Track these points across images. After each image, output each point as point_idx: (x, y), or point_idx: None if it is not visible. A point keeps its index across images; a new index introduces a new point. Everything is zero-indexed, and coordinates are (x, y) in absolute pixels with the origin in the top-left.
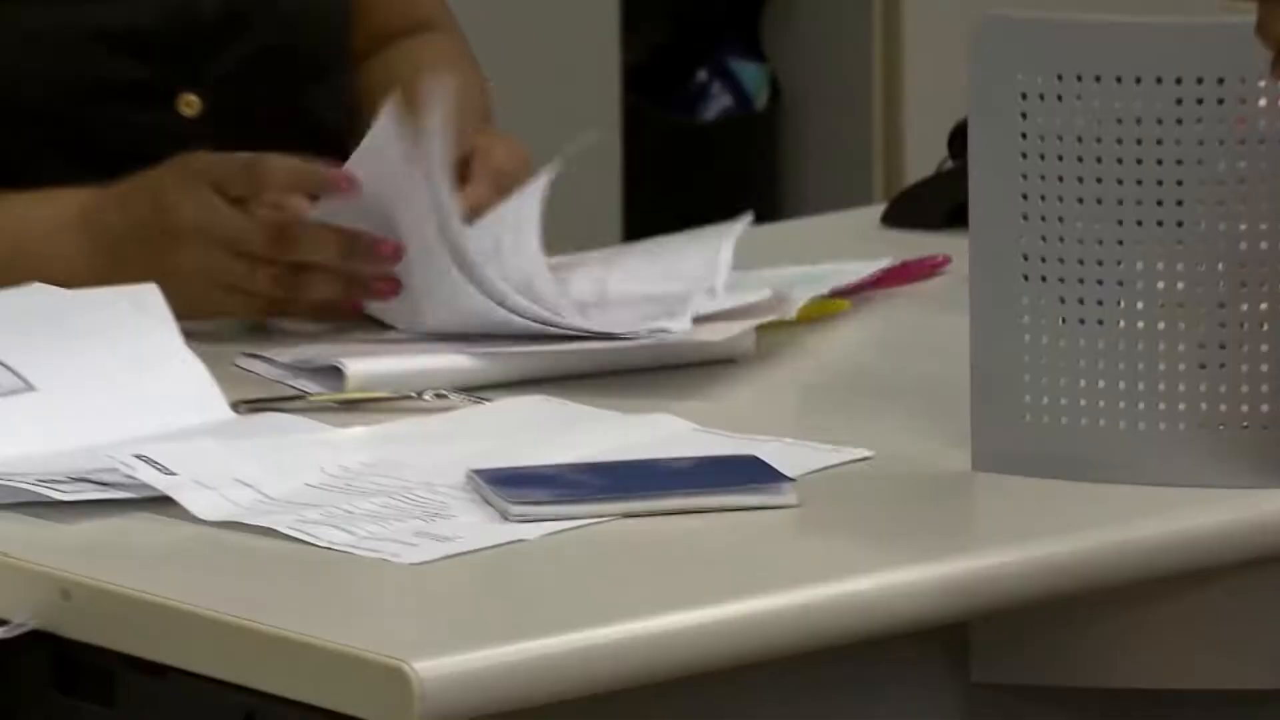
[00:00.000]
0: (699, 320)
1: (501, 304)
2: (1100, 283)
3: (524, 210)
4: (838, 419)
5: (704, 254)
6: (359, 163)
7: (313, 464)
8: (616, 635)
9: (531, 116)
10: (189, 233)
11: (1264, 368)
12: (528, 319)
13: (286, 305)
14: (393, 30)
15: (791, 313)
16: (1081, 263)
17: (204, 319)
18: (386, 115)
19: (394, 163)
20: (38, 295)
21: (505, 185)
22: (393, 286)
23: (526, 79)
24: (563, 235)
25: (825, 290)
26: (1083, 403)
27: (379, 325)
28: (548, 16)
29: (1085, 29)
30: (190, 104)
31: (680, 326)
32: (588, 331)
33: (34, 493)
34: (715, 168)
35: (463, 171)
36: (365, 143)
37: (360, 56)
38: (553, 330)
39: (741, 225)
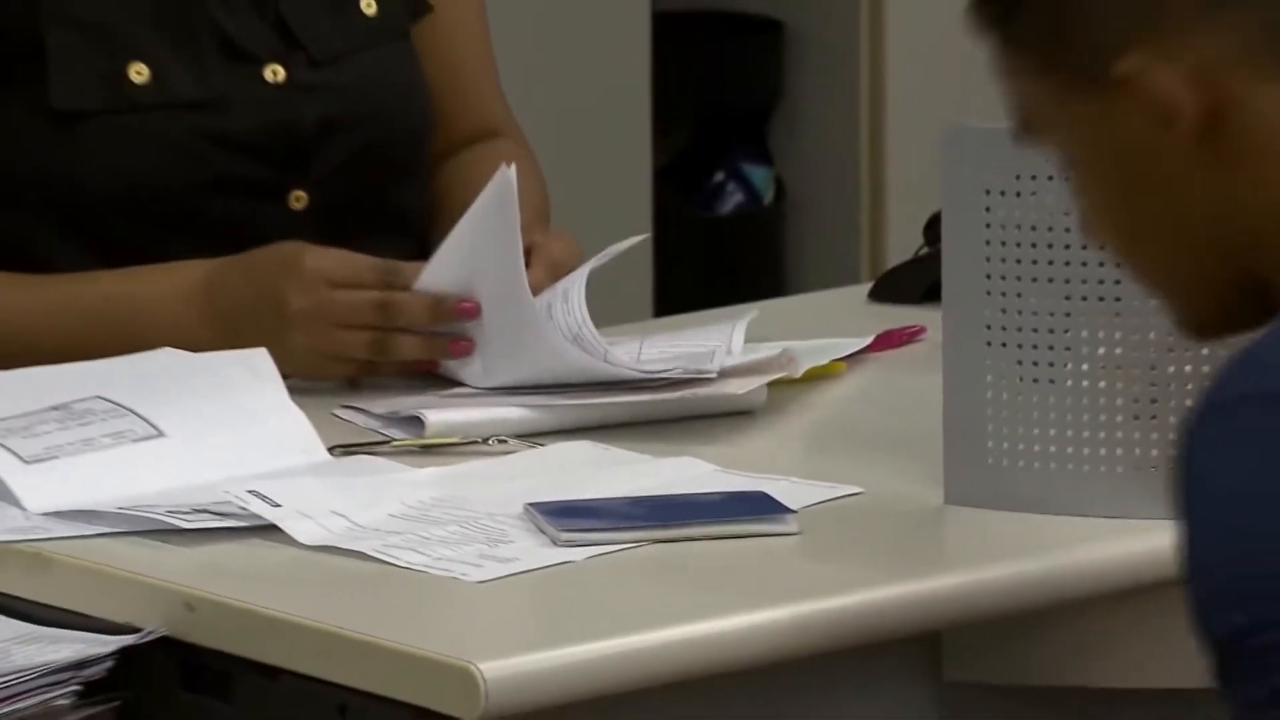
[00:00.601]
0: (721, 375)
1: (562, 355)
2: (1051, 348)
3: (571, 284)
4: (834, 461)
5: (721, 330)
6: (460, 234)
7: (395, 498)
8: (648, 641)
9: (579, 210)
10: (302, 318)
11: None
12: (582, 365)
13: (380, 366)
14: (467, 137)
15: (798, 372)
16: (1035, 330)
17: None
18: (491, 196)
19: (483, 238)
20: (167, 357)
21: (559, 273)
22: (467, 347)
23: (574, 178)
24: (603, 307)
25: (825, 357)
26: (1036, 448)
27: (450, 382)
28: (593, 126)
29: None
30: (299, 199)
31: (714, 366)
32: (633, 371)
33: (163, 522)
34: (730, 253)
35: (525, 261)
36: (467, 217)
37: (438, 159)
38: (601, 376)
39: (750, 314)
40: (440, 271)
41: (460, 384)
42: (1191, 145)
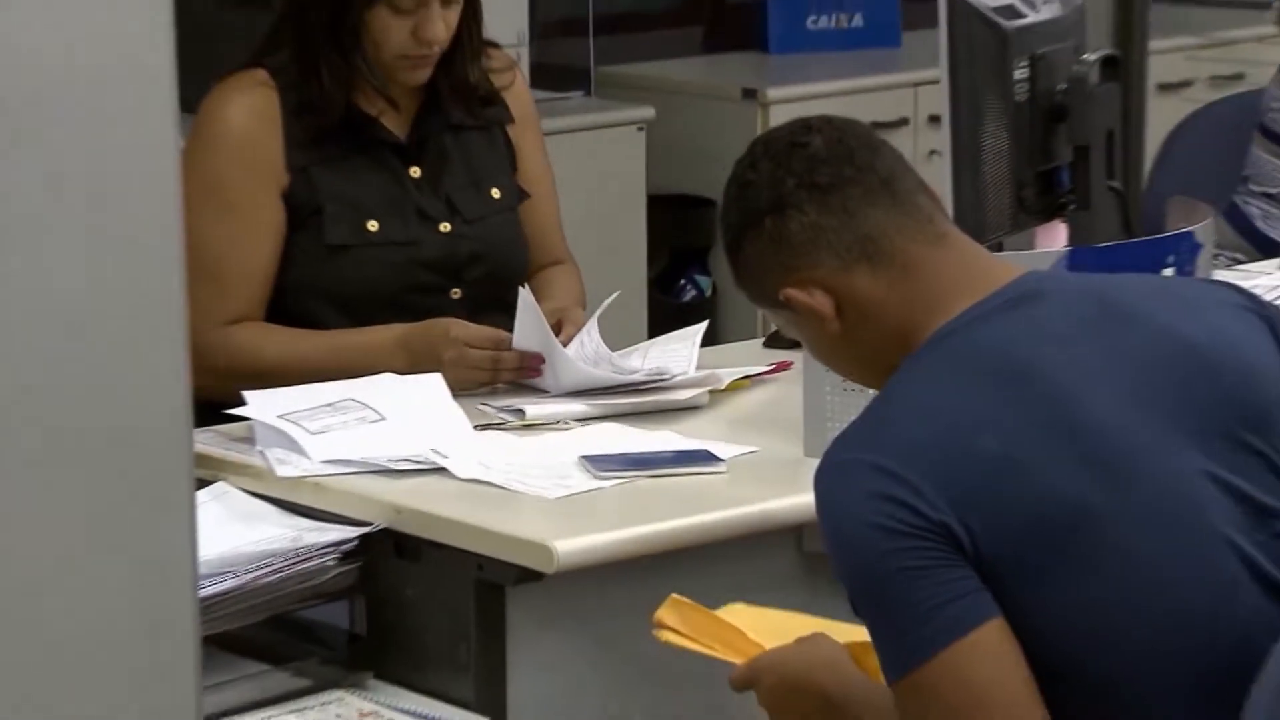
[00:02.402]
0: (681, 385)
1: (588, 374)
2: None
3: (590, 326)
4: (744, 433)
5: (686, 339)
6: (523, 318)
7: (509, 452)
8: (645, 530)
9: (596, 305)
10: (450, 363)
11: None
12: (599, 376)
13: (491, 384)
14: (542, 263)
15: (722, 385)
16: None
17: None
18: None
19: (535, 320)
20: (388, 378)
21: (579, 327)
22: (538, 375)
23: (601, 284)
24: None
25: (739, 376)
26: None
27: (537, 390)
28: (613, 257)
29: None
30: (456, 294)
31: (681, 372)
32: (627, 377)
33: (385, 466)
34: (688, 323)
35: (562, 325)
36: (520, 311)
37: (529, 276)
38: (613, 381)
39: (701, 328)
40: (523, 338)
41: (541, 391)
42: (840, 325)
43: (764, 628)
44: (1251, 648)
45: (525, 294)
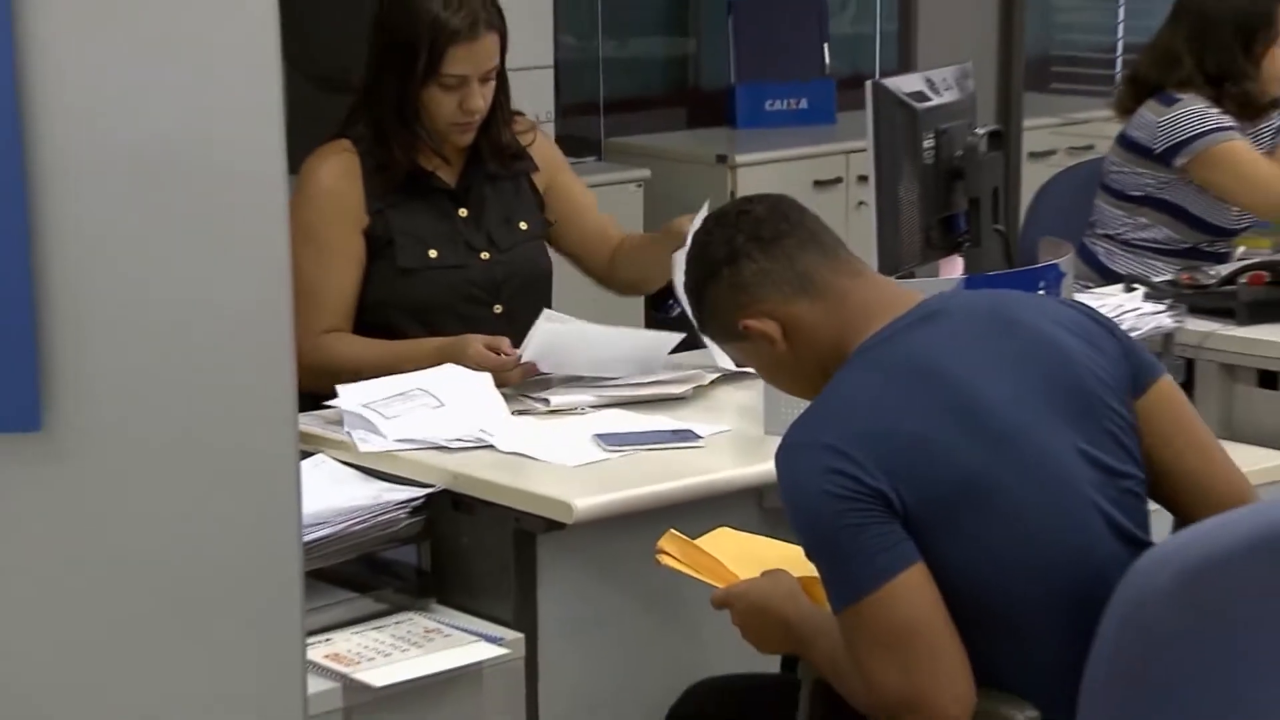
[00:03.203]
0: (671, 382)
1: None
2: None
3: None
4: (720, 416)
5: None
6: (533, 338)
7: (539, 431)
8: (644, 490)
9: (618, 308)
10: (473, 364)
11: None
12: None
13: (502, 385)
14: (614, 241)
15: (706, 381)
16: None
17: None
18: (542, 323)
19: (542, 340)
20: (448, 368)
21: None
22: (533, 374)
23: (604, 306)
24: None
25: (716, 375)
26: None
27: (557, 387)
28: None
29: None
30: (497, 309)
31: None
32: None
33: (444, 444)
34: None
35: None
36: (534, 329)
37: (612, 251)
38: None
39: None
40: (530, 352)
41: (561, 386)
42: (787, 346)
43: (743, 550)
44: (1107, 584)
45: (539, 321)
